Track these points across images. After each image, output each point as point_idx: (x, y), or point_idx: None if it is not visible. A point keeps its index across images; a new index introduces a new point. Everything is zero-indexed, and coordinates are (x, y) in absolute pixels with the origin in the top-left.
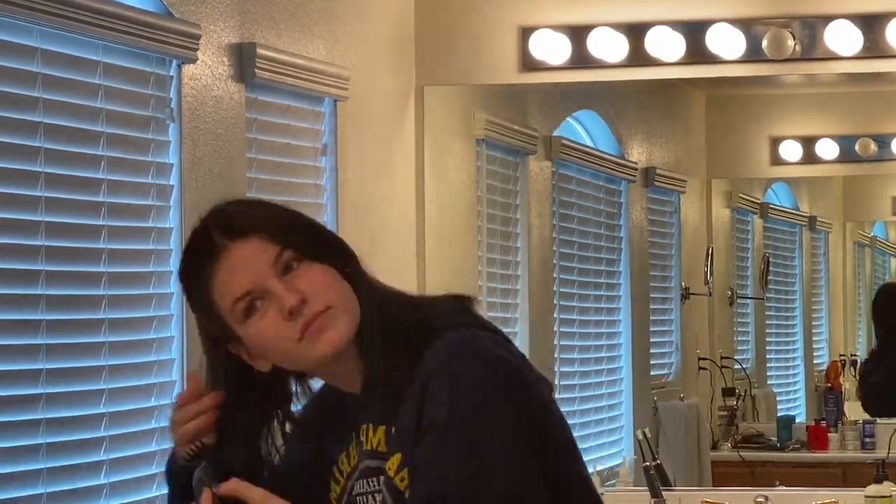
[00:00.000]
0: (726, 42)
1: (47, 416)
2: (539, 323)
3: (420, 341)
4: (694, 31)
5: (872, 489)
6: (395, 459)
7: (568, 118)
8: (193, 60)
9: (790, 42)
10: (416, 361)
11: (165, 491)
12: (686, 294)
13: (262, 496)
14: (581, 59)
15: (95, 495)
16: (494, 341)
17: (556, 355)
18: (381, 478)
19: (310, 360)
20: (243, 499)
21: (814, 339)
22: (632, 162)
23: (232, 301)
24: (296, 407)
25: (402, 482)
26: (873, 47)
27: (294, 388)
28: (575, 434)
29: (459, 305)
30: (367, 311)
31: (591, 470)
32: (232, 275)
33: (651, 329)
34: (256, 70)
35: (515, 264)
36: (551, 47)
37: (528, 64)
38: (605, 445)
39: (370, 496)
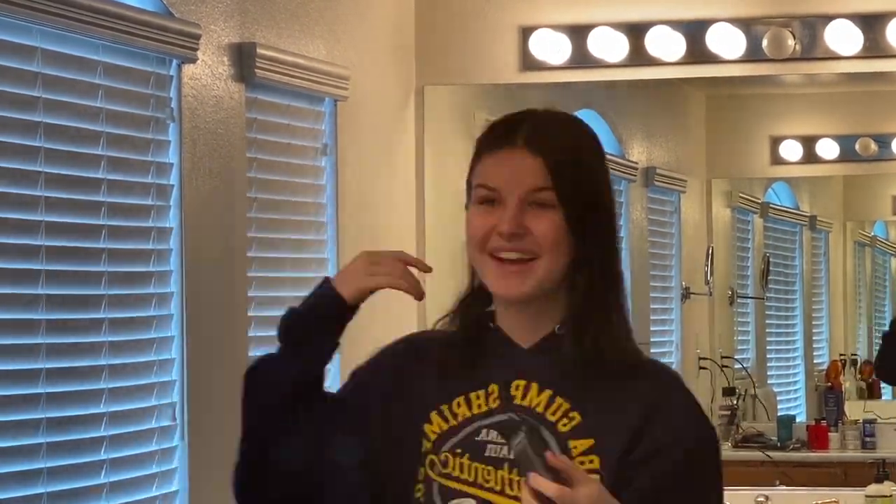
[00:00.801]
0: (726, 42)
1: (47, 416)
2: None
3: (633, 354)
4: (694, 31)
5: (873, 489)
6: (587, 443)
7: None
8: (193, 60)
9: (790, 42)
10: (629, 371)
11: (165, 491)
12: (686, 294)
13: (587, 479)
14: (581, 58)
15: (95, 495)
16: None
17: None
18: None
19: (485, 279)
20: (569, 479)
21: (814, 338)
22: (632, 162)
23: (478, 183)
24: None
25: (581, 465)
26: (873, 47)
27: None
28: None
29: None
30: (585, 289)
31: None
32: (497, 167)
33: (651, 329)
34: (256, 70)
35: None
36: (551, 47)
37: (528, 64)
38: None
39: (503, 446)
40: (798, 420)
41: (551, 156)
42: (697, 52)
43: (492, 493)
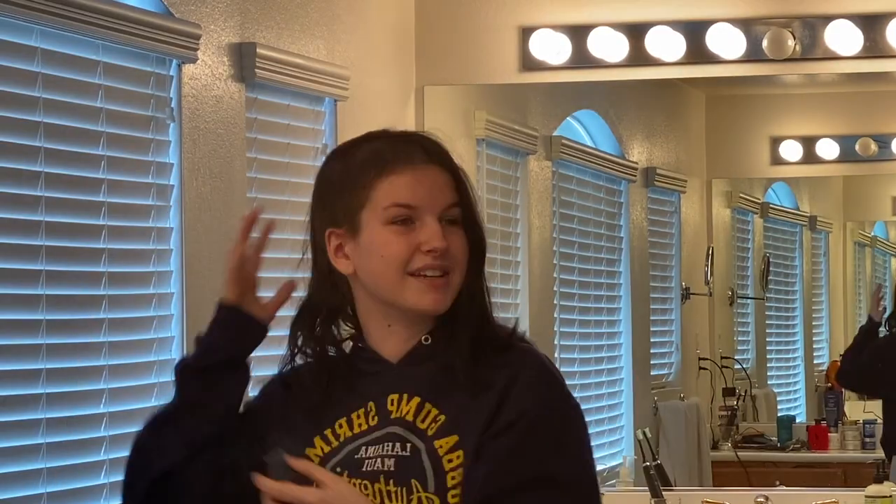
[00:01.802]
0: (726, 42)
1: (47, 416)
2: (539, 323)
3: (497, 344)
4: (694, 31)
5: (873, 489)
6: (451, 440)
7: (568, 118)
8: (193, 60)
9: (790, 42)
10: (494, 360)
11: None
12: (686, 294)
13: (332, 479)
14: (581, 59)
15: (95, 495)
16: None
17: (556, 355)
18: (409, 445)
19: (398, 299)
20: (314, 480)
21: (814, 339)
22: (632, 162)
23: (393, 203)
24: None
25: (450, 462)
26: (873, 47)
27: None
28: None
29: (521, 333)
30: (465, 298)
31: None
32: (416, 185)
33: (651, 329)
34: (256, 70)
35: (515, 264)
36: (551, 47)
37: (528, 64)
38: (605, 445)
39: (381, 460)
40: (798, 420)
41: (455, 172)
42: (697, 52)
43: None
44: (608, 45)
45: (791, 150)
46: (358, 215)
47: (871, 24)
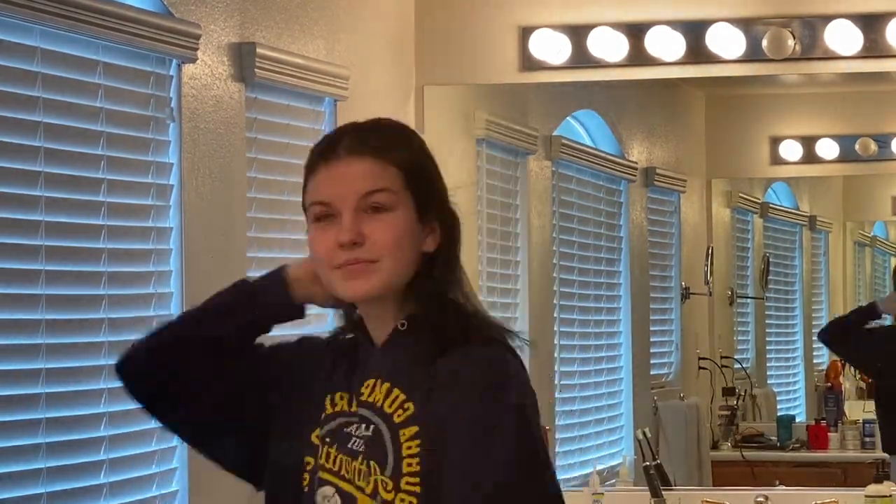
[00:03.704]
0: (726, 42)
1: (47, 416)
2: (539, 323)
3: (465, 336)
4: (694, 31)
5: (872, 489)
6: (413, 429)
7: (568, 118)
8: (193, 60)
9: (790, 42)
10: (456, 350)
11: (164, 490)
12: (686, 294)
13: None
14: (581, 58)
15: (95, 495)
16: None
17: (556, 355)
18: (372, 427)
19: (335, 291)
20: None
21: (813, 338)
22: (632, 162)
23: (312, 202)
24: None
25: (409, 449)
26: (873, 47)
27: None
28: (575, 434)
29: (508, 334)
30: (433, 285)
31: (590, 469)
32: (326, 181)
33: (651, 329)
34: (256, 70)
35: (515, 264)
36: (551, 47)
37: (528, 64)
38: (605, 445)
39: (356, 440)
40: (798, 420)
41: (380, 155)
42: (697, 52)
43: (348, 484)
44: (608, 45)
45: (791, 150)
46: (305, 215)
47: (870, 23)
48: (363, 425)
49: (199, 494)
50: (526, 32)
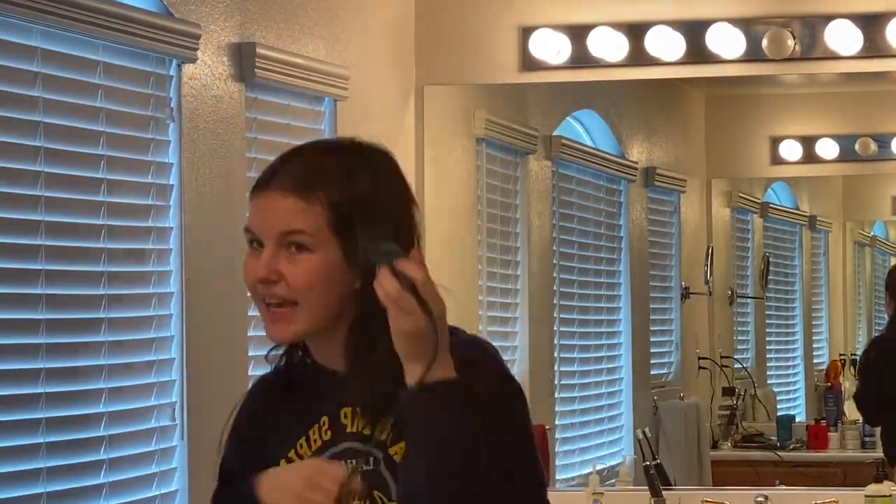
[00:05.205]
0: (726, 42)
1: (47, 416)
2: (539, 323)
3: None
4: (694, 31)
5: (872, 489)
6: (402, 444)
7: (568, 118)
8: (193, 60)
9: (790, 42)
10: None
11: (164, 490)
12: (686, 294)
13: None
14: (581, 58)
15: (95, 495)
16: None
17: (556, 355)
18: (371, 459)
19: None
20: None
21: (814, 338)
22: (632, 162)
23: (245, 227)
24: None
25: (396, 456)
26: (873, 47)
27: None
28: (575, 434)
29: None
30: (363, 324)
31: (590, 469)
32: (255, 212)
33: (651, 329)
34: (256, 70)
35: (515, 264)
36: (551, 47)
37: (528, 64)
38: (605, 445)
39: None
40: (798, 420)
41: (307, 193)
42: (697, 52)
43: None
44: (608, 45)
45: (791, 150)
46: None
47: (870, 23)
48: (356, 461)
49: (199, 494)
50: (526, 32)
